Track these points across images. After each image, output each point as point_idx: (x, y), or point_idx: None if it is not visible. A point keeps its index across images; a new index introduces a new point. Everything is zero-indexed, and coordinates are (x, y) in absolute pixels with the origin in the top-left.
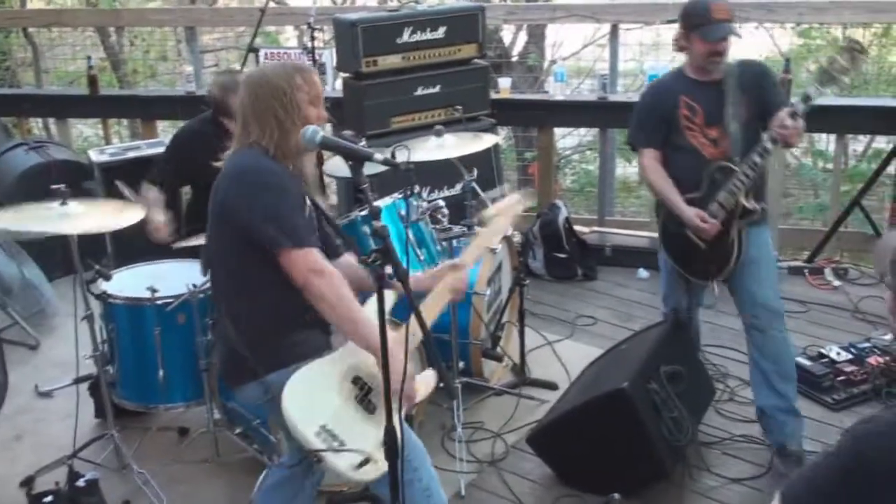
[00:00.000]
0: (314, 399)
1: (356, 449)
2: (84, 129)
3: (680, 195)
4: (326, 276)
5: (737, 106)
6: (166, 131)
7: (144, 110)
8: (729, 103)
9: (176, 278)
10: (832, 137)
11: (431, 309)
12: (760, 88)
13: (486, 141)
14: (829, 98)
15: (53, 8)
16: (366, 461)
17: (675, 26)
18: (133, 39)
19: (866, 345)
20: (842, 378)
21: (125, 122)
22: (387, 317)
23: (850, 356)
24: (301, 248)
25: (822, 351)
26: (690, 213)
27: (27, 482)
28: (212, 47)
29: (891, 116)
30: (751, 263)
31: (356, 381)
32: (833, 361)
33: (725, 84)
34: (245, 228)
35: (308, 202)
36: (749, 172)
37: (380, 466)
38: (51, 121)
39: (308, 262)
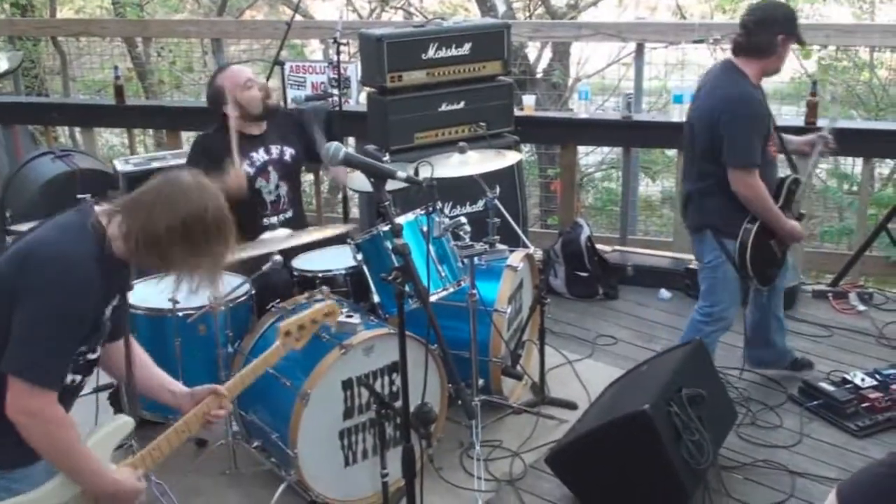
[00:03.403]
0: None
1: None
2: (110, 138)
3: None
4: (48, 423)
5: None
6: (191, 142)
7: (170, 120)
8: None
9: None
10: (857, 160)
11: (181, 432)
12: None
13: (508, 158)
14: (856, 121)
15: (82, 18)
16: None
17: (703, 42)
18: (160, 50)
19: (891, 371)
20: (866, 405)
21: (150, 131)
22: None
23: (874, 382)
24: (28, 383)
25: (847, 377)
26: (796, 225)
27: None
28: (237, 59)
29: None
30: None
31: None
32: (857, 387)
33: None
34: (9, 319)
35: (114, 302)
36: (809, 184)
37: None
38: (77, 129)
39: (30, 403)
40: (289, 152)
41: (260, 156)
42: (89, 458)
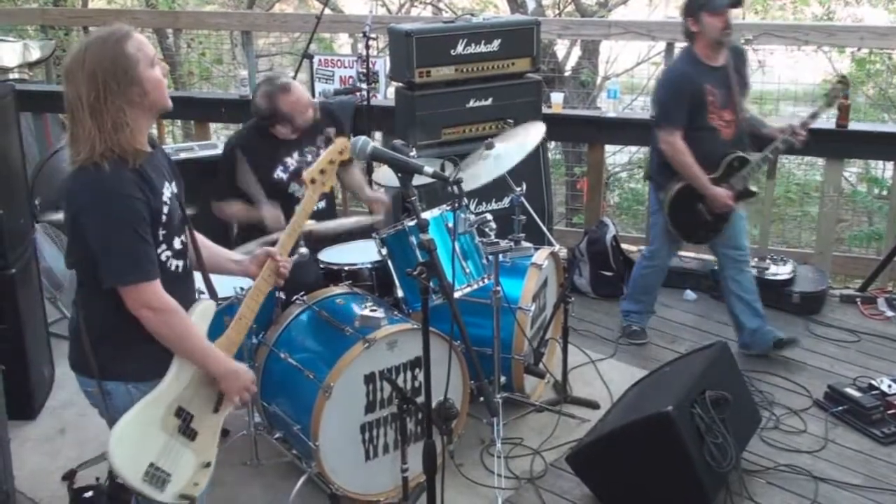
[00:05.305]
0: (141, 444)
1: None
2: None
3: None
4: (162, 313)
5: (737, 89)
6: (218, 133)
7: (199, 112)
8: (735, 88)
9: (224, 281)
10: (888, 164)
11: (256, 296)
12: (742, 71)
13: (532, 136)
14: (887, 125)
15: (114, 8)
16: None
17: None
18: (190, 42)
19: None
20: (892, 411)
21: (179, 122)
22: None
23: None
24: (129, 285)
25: (873, 382)
26: (721, 192)
27: (69, 476)
28: (266, 52)
29: None
30: (740, 220)
31: (179, 412)
32: (884, 394)
33: (728, 68)
34: (89, 251)
35: (168, 190)
36: (763, 165)
37: (201, 488)
38: None
39: (141, 299)
40: None
41: (293, 160)
42: (205, 342)
